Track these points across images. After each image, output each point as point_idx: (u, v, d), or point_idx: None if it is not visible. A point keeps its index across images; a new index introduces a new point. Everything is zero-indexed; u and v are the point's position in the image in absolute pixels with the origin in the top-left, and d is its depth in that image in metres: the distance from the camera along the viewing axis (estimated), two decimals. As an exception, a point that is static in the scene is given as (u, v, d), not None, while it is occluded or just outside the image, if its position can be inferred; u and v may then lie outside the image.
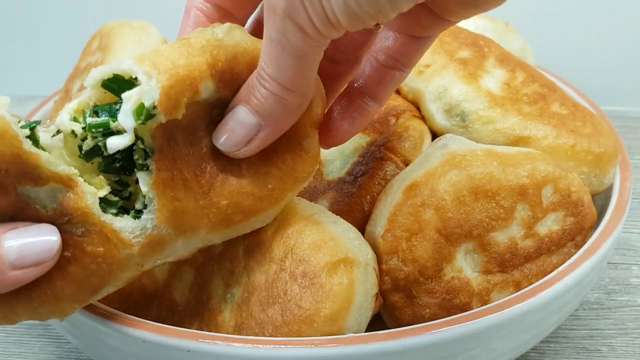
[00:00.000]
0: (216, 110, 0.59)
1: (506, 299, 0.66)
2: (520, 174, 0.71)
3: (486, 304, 0.68)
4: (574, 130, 0.82)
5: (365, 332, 0.64)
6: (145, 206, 0.57)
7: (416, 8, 0.59)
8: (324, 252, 0.63)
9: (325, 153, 0.85)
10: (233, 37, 0.59)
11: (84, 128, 0.55)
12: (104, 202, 0.57)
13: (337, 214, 0.69)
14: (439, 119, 0.84)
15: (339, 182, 0.81)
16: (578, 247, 0.74)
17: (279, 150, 0.62)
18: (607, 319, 0.91)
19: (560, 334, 0.88)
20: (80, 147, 0.56)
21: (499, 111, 0.81)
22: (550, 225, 0.73)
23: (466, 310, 0.66)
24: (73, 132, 0.56)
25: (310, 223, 0.65)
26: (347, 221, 0.68)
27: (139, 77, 0.54)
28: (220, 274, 0.69)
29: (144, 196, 0.57)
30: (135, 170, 0.56)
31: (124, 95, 0.54)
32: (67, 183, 0.54)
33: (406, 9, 0.50)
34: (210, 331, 0.66)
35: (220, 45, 0.58)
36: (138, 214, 0.57)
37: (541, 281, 0.69)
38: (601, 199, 0.84)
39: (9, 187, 0.54)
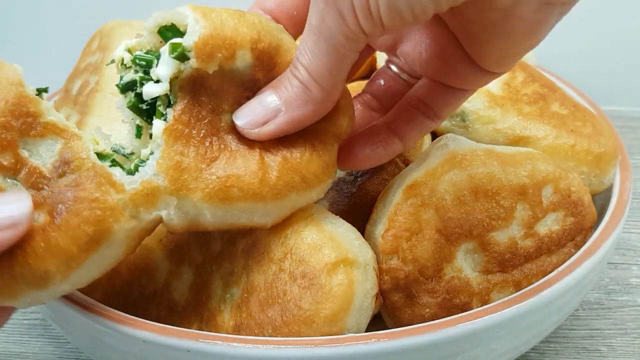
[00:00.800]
0: (247, 93, 0.61)
1: (506, 299, 0.66)
2: (521, 174, 0.71)
3: (486, 304, 0.68)
4: (574, 130, 0.82)
5: (365, 332, 0.64)
6: (151, 154, 0.59)
7: (458, 56, 0.60)
8: (323, 253, 0.63)
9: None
10: (283, 33, 0.62)
11: (132, 60, 0.59)
12: (100, 157, 0.60)
13: (337, 214, 0.69)
14: (439, 119, 0.84)
15: (339, 182, 0.81)
16: (578, 247, 0.74)
17: (295, 145, 0.63)
18: (607, 319, 0.91)
19: (560, 334, 0.88)
20: (120, 77, 0.60)
21: (499, 111, 0.81)
22: (550, 225, 0.73)
23: (466, 310, 0.66)
24: (122, 61, 0.59)
25: (309, 223, 0.65)
26: (347, 221, 0.68)
27: (189, 22, 0.57)
28: (220, 274, 0.69)
29: (151, 151, 0.59)
30: (154, 116, 0.59)
31: (165, 47, 0.58)
32: (64, 134, 0.57)
33: (446, 7, 0.50)
34: (210, 331, 0.66)
35: (270, 32, 0.60)
36: (139, 164, 0.60)
37: (541, 281, 0.69)
38: (601, 199, 0.84)
39: (12, 145, 0.56)
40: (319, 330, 0.61)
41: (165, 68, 0.57)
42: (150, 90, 0.58)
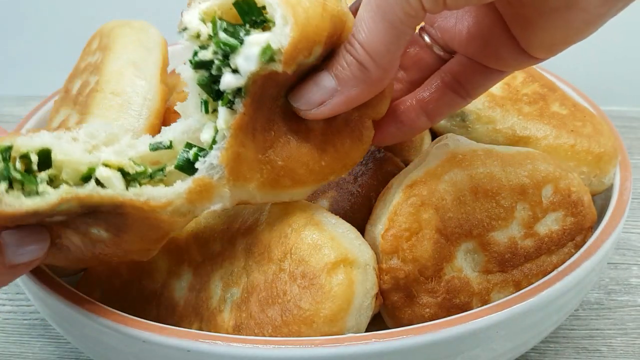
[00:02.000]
0: (303, 75, 0.61)
1: (506, 299, 0.66)
2: (521, 173, 0.71)
3: (486, 304, 0.68)
4: (574, 130, 0.82)
5: (365, 332, 0.64)
6: (214, 142, 0.59)
7: (502, 38, 0.60)
8: (323, 253, 0.63)
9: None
10: (349, 13, 0.60)
11: (210, 36, 0.56)
12: (132, 176, 0.59)
13: (337, 214, 0.69)
14: (439, 119, 0.84)
15: (339, 182, 0.81)
16: (578, 247, 0.74)
17: (342, 132, 0.64)
18: (607, 319, 0.91)
19: (560, 334, 0.88)
20: (195, 53, 0.57)
21: (499, 111, 0.81)
22: (550, 225, 0.73)
23: (466, 310, 0.66)
24: (198, 34, 0.56)
25: (309, 223, 0.65)
26: (347, 221, 0.68)
27: (276, 19, 0.54)
28: (220, 274, 0.69)
29: (213, 137, 0.59)
30: (220, 102, 0.58)
31: (251, 39, 0.55)
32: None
33: None
34: (210, 331, 0.66)
35: (342, 20, 0.58)
36: (199, 154, 0.59)
37: (541, 281, 0.69)
38: (601, 199, 0.84)
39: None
40: (319, 330, 0.61)
41: (248, 64, 0.55)
42: (228, 82, 0.56)
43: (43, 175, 0.56)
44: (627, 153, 0.86)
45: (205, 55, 0.57)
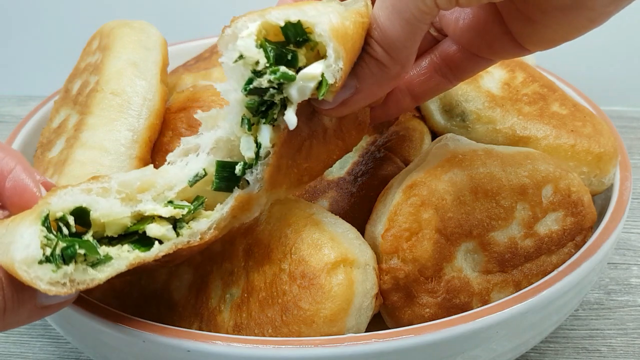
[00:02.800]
0: None
1: (506, 299, 0.66)
2: (521, 173, 0.71)
3: (486, 304, 0.68)
4: (574, 130, 0.82)
5: (365, 332, 0.64)
6: (257, 157, 0.60)
7: (497, 32, 0.60)
8: (323, 253, 0.63)
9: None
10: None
11: (266, 66, 0.55)
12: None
13: (337, 214, 0.69)
14: (439, 119, 0.84)
15: (339, 182, 0.81)
16: (578, 247, 0.74)
17: (350, 126, 0.66)
18: (607, 319, 0.91)
19: (560, 334, 0.88)
20: (250, 80, 0.56)
21: (499, 111, 0.81)
22: (550, 225, 0.73)
23: (466, 310, 0.66)
24: (256, 63, 0.55)
25: (309, 223, 0.65)
26: (347, 221, 0.68)
27: (328, 52, 0.54)
28: (220, 273, 0.69)
29: (256, 153, 0.59)
30: (263, 120, 0.59)
31: (306, 73, 0.55)
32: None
33: None
34: (210, 331, 0.66)
35: (368, 27, 0.58)
36: (246, 168, 0.60)
37: (541, 281, 0.69)
38: (601, 199, 0.84)
39: None
40: (319, 330, 0.61)
41: (301, 96, 0.56)
42: (290, 118, 0.56)
43: (89, 237, 0.56)
44: (627, 153, 0.86)
45: (261, 83, 0.56)
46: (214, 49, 1.05)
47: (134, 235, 0.59)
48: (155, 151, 0.83)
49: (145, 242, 0.59)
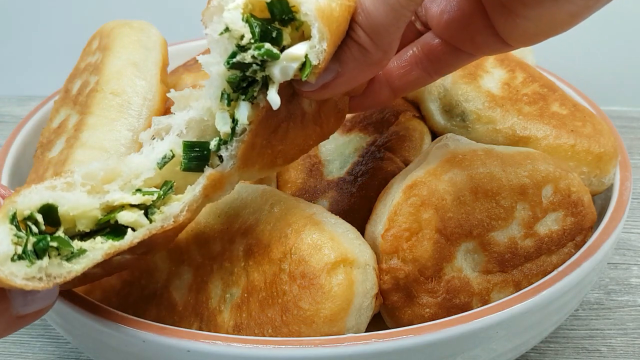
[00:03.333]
0: None
1: (506, 299, 0.66)
2: (521, 173, 0.71)
3: (486, 304, 0.68)
4: (574, 130, 0.82)
5: (365, 332, 0.64)
6: (233, 133, 0.59)
7: (480, 26, 0.60)
8: (323, 253, 0.63)
9: (325, 153, 0.85)
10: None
11: (251, 41, 0.55)
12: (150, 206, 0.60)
13: (337, 214, 0.69)
14: (439, 119, 0.84)
15: (339, 182, 0.81)
16: (578, 247, 0.74)
17: (330, 112, 0.66)
18: (607, 319, 0.91)
19: (560, 334, 0.88)
20: (233, 54, 0.56)
21: (499, 111, 0.81)
22: (550, 225, 0.73)
23: (466, 310, 0.66)
24: (241, 37, 0.55)
25: (309, 223, 0.65)
26: (347, 221, 0.68)
27: (313, 32, 0.54)
28: (220, 274, 0.69)
29: (232, 129, 0.59)
30: (243, 97, 0.58)
31: (290, 53, 0.55)
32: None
33: None
34: (210, 331, 0.66)
35: (355, 12, 0.58)
36: (221, 144, 0.60)
37: (541, 281, 0.69)
38: (601, 199, 0.84)
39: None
40: (319, 330, 0.61)
41: (283, 76, 0.56)
42: (273, 98, 0.56)
43: (61, 233, 0.56)
44: (627, 153, 0.86)
45: (245, 58, 0.56)
46: (214, 49, 1.04)
47: (107, 228, 0.59)
48: (155, 151, 0.83)
49: (118, 232, 0.59)
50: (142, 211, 0.59)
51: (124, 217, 0.58)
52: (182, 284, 0.71)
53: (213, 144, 0.60)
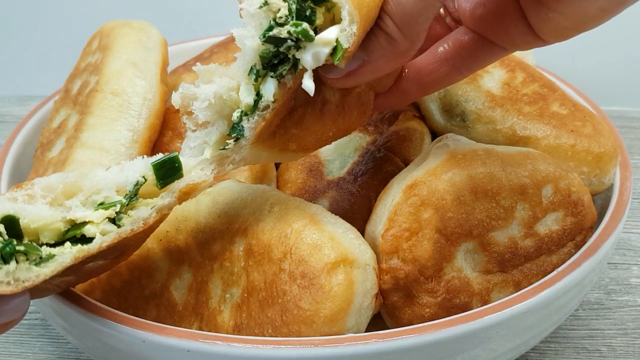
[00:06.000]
0: None
1: (506, 299, 0.66)
2: (521, 173, 0.71)
3: (486, 304, 0.68)
4: (574, 130, 0.82)
5: (365, 332, 0.64)
6: (255, 107, 0.60)
7: (515, 18, 0.60)
8: (323, 253, 0.63)
9: (325, 153, 0.85)
10: None
11: (287, 17, 0.57)
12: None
13: (337, 214, 0.69)
14: (439, 119, 0.84)
15: (339, 182, 0.81)
16: (578, 247, 0.74)
17: (353, 105, 0.66)
18: (607, 319, 0.91)
19: (560, 334, 0.88)
20: (270, 27, 0.57)
21: (499, 111, 0.81)
22: (550, 225, 0.73)
23: (466, 310, 0.66)
24: (278, 10, 0.57)
25: (309, 223, 0.65)
26: (347, 221, 0.68)
27: (343, 15, 0.55)
28: (219, 273, 0.69)
29: (255, 102, 0.60)
30: (272, 74, 0.59)
31: (322, 38, 0.56)
32: None
33: None
34: (210, 331, 0.66)
35: (384, 1, 0.58)
36: (243, 116, 0.61)
37: (541, 281, 0.69)
38: (601, 199, 0.84)
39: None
40: (319, 330, 0.61)
41: (315, 62, 0.57)
42: (308, 84, 0.58)
43: (26, 241, 0.56)
44: (627, 153, 0.86)
45: (281, 32, 0.57)
46: (214, 49, 1.05)
47: (74, 237, 0.59)
48: (155, 151, 0.83)
49: (87, 238, 0.59)
50: (108, 219, 0.59)
51: (90, 231, 0.58)
52: (182, 284, 0.71)
53: (235, 115, 0.61)
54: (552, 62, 1.06)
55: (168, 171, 0.61)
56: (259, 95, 0.60)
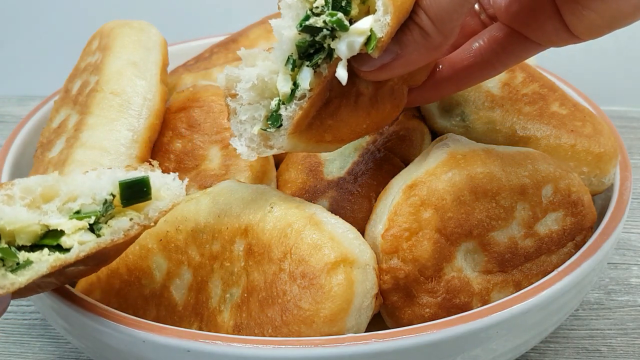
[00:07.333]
0: None
1: (506, 299, 0.66)
2: (521, 173, 0.71)
3: (486, 304, 0.68)
4: (574, 130, 0.82)
5: (365, 332, 0.64)
6: (292, 96, 0.61)
7: (550, 13, 0.61)
8: (323, 253, 0.63)
9: (325, 153, 0.85)
10: None
11: (323, 7, 0.58)
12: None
13: (337, 214, 0.69)
14: (439, 119, 0.84)
15: (339, 182, 0.81)
16: (578, 247, 0.74)
17: (386, 98, 0.67)
18: (607, 319, 0.91)
19: (560, 334, 0.88)
20: (306, 17, 0.59)
21: (499, 111, 0.81)
22: (550, 225, 0.73)
23: (466, 310, 0.66)
24: (314, 0, 0.59)
25: (309, 223, 0.65)
26: (347, 221, 0.68)
27: (377, 5, 0.57)
28: (219, 273, 0.69)
29: (292, 91, 0.61)
30: (308, 63, 0.60)
31: (357, 28, 0.58)
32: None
33: None
34: (210, 331, 0.66)
35: None
36: (281, 105, 0.62)
37: (541, 281, 0.69)
38: (601, 199, 0.84)
39: None
40: (319, 330, 0.61)
41: (350, 52, 0.58)
42: (341, 74, 0.59)
43: (3, 244, 0.55)
44: (627, 153, 0.86)
45: (317, 22, 0.58)
46: (213, 48, 1.05)
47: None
48: (155, 151, 0.83)
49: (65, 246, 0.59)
50: (86, 229, 0.59)
51: (66, 242, 0.58)
52: (182, 284, 0.71)
53: (273, 104, 0.63)
54: (552, 62, 1.06)
55: (135, 193, 0.61)
56: (295, 85, 0.61)
